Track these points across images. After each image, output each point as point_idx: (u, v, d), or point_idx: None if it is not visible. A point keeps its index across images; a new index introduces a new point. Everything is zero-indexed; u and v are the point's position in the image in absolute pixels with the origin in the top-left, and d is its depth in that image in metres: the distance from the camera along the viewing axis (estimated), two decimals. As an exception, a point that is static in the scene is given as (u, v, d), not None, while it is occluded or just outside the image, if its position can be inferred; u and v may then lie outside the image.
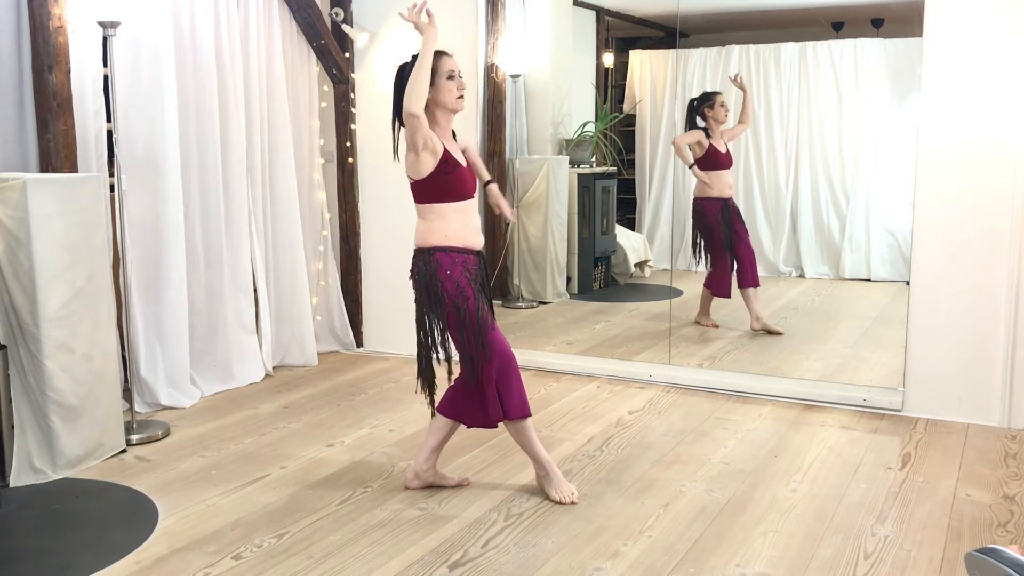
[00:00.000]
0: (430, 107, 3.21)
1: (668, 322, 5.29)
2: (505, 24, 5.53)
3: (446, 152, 3.20)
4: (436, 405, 3.44)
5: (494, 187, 3.53)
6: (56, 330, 3.55)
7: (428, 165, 3.18)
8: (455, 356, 3.37)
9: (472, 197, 3.29)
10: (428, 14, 3.11)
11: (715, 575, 2.78)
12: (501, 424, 3.32)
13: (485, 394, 3.26)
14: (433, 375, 3.43)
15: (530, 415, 3.32)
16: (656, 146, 6.11)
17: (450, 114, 3.27)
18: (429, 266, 3.22)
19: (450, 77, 3.20)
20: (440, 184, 3.20)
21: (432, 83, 3.17)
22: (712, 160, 5.40)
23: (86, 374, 3.67)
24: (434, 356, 3.38)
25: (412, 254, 3.29)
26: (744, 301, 5.42)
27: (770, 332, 5.37)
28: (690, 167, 5.45)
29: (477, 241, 3.30)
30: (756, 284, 5.43)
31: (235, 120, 4.79)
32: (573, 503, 3.29)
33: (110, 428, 3.80)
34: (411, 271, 3.30)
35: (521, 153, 6.11)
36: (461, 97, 3.25)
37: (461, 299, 3.21)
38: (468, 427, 3.41)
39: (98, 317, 3.73)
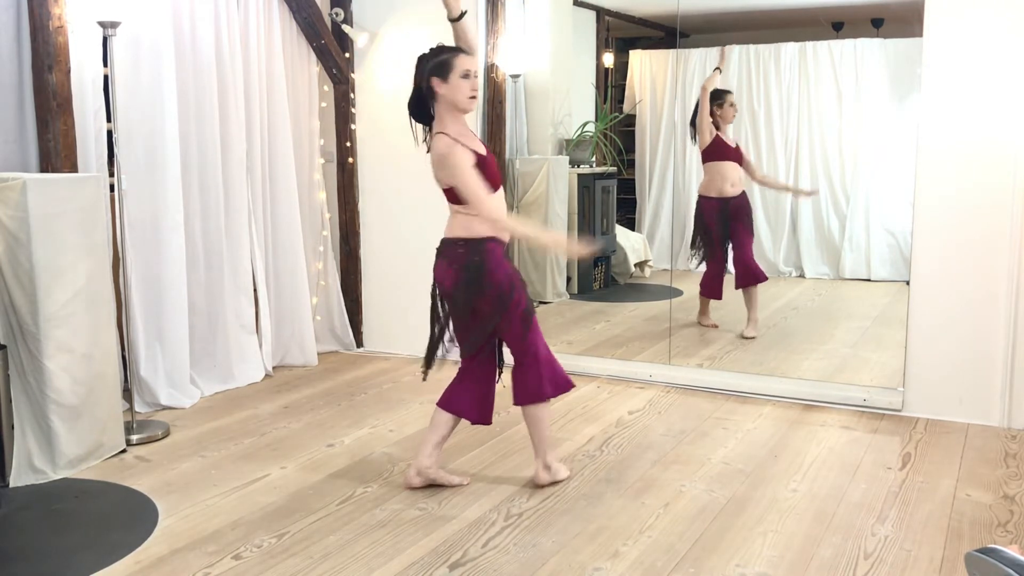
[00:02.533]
0: (440, 105, 3.20)
1: (668, 322, 5.28)
2: (505, 24, 5.52)
3: (475, 154, 3.19)
4: (437, 400, 3.46)
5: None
6: (56, 330, 3.55)
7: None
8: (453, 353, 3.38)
9: (497, 188, 3.27)
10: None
11: (715, 575, 2.78)
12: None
13: (534, 372, 3.31)
14: (435, 354, 3.45)
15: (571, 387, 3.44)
16: (656, 146, 6.11)
17: (459, 114, 3.22)
18: (479, 254, 3.21)
19: (464, 76, 3.17)
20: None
21: (445, 79, 3.16)
22: (721, 150, 5.38)
23: (86, 374, 3.67)
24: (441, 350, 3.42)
25: (447, 245, 3.27)
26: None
27: (744, 335, 5.38)
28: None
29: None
30: (742, 285, 5.40)
31: (235, 120, 4.79)
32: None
33: (110, 428, 3.80)
34: (451, 260, 3.25)
35: (521, 153, 6.11)
36: (472, 98, 3.20)
37: (510, 286, 3.24)
38: (472, 423, 3.43)
39: (98, 317, 3.73)
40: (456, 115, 3.22)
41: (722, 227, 5.44)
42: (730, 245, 5.46)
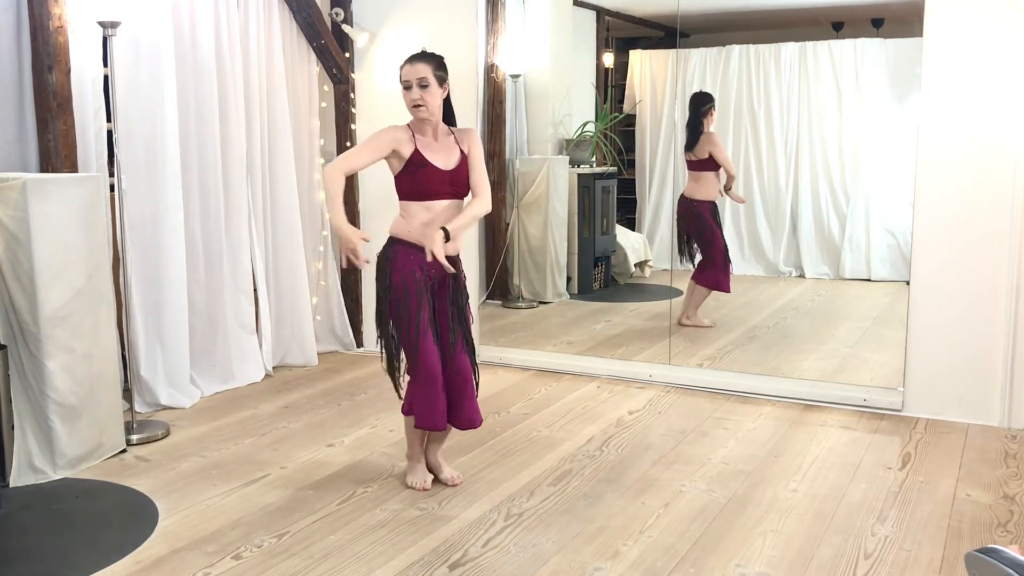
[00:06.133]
0: None
1: (668, 322, 5.29)
2: (505, 24, 5.53)
3: (414, 153, 3.25)
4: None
5: (439, 235, 3.18)
6: (56, 330, 3.55)
7: (394, 167, 3.31)
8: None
9: (439, 199, 3.28)
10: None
11: (715, 575, 2.78)
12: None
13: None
14: (393, 366, 3.41)
15: (438, 429, 3.29)
16: (656, 146, 6.11)
17: (418, 122, 3.28)
18: (386, 254, 3.33)
19: (405, 87, 3.23)
20: (407, 181, 3.28)
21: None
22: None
23: (86, 374, 3.67)
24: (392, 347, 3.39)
25: None
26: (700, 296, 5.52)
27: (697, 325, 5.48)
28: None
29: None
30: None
31: (235, 120, 4.79)
32: (425, 489, 3.41)
33: (110, 428, 3.80)
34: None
35: (521, 153, 6.11)
36: (417, 106, 3.21)
37: (403, 294, 3.25)
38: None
39: (98, 317, 3.73)
40: (417, 123, 3.29)
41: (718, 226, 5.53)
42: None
